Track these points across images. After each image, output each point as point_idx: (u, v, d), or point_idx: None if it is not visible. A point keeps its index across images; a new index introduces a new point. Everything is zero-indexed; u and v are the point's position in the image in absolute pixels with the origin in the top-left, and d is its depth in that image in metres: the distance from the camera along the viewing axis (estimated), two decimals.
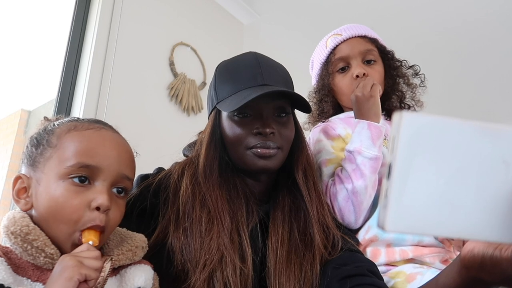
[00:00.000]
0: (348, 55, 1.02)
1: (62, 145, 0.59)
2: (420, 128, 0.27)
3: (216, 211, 0.73)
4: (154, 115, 2.00)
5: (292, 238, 0.76)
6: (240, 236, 0.73)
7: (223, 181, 0.77)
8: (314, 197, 0.80)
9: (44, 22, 2.57)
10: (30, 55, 2.86)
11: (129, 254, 0.62)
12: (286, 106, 0.79)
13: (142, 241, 0.66)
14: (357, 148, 0.87)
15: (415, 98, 1.06)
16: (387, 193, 0.27)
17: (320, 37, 1.11)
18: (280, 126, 0.77)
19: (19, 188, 0.60)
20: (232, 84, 0.78)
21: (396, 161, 0.27)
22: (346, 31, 1.04)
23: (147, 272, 0.65)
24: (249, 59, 0.80)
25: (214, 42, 2.46)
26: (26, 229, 0.54)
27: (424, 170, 0.27)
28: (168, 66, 2.14)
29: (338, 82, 1.03)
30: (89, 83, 1.75)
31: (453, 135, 0.27)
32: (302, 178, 0.81)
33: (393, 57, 1.06)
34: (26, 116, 3.50)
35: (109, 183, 0.59)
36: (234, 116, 0.77)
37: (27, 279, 0.53)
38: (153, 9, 2.13)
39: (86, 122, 0.64)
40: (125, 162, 0.63)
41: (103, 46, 1.84)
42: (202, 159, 0.78)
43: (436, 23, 2.75)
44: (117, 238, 0.65)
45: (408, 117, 0.27)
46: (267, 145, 0.75)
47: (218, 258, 0.69)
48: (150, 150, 1.90)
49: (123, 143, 0.66)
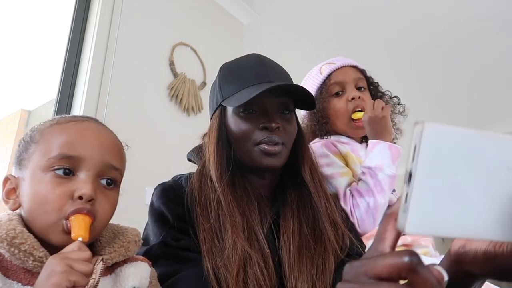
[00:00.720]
0: (343, 80, 1.10)
1: (44, 139, 0.58)
2: (440, 138, 0.29)
3: (232, 214, 0.73)
4: (154, 115, 2.00)
5: (302, 233, 0.77)
6: (257, 237, 0.74)
7: (235, 180, 0.78)
8: (322, 193, 0.82)
9: (44, 22, 2.57)
10: (30, 55, 2.86)
11: (122, 251, 0.60)
12: (290, 103, 0.81)
13: (134, 235, 0.64)
14: (378, 165, 0.94)
15: (395, 126, 1.15)
16: (407, 198, 0.30)
17: (319, 37, 1.14)
18: (284, 122, 0.79)
19: (8, 189, 0.59)
20: (237, 82, 0.80)
21: (417, 169, 0.29)
22: (339, 61, 1.15)
23: (143, 271, 0.63)
24: (253, 59, 0.83)
25: (214, 42, 2.47)
26: (13, 233, 0.52)
27: (442, 177, 0.30)
28: (168, 66, 2.14)
29: (334, 105, 1.11)
30: (89, 83, 1.75)
31: (468, 144, 0.30)
32: (309, 175, 0.83)
33: (378, 87, 1.17)
34: (26, 116, 3.50)
35: (93, 174, 0.57)
36: (240, 112, 0.79)
37: (17, 283, 0.52)
38: (153, 9, 2.13)
39: (69, 116, 0.63)
40: (109, 151, 0.61)
41: (103, 46, 1.84)
42: (212, 160, 0.79)
43: (429, 24, 2.75)
44: (109, 234, 0.63)
45: (430, 127, 0.29)
46: (273, 139, 0.76)
47: (244, 261, 0.69)
48: (150, 150, 1.91)
49: (108, 133, 0.64)
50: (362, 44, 2.97)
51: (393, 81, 3.78)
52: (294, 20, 2.78)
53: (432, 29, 2.80)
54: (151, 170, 1.75)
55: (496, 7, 2.57)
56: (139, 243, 0.64)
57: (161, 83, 2.09)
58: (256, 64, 0.81)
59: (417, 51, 3.06)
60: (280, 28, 2.88)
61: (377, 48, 3.02)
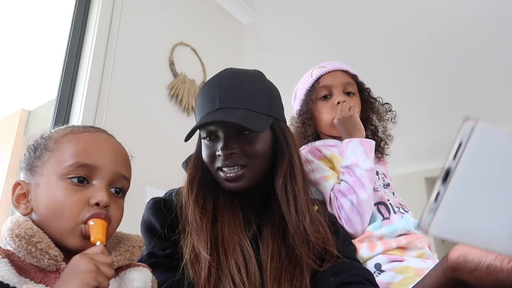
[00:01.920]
0: (331, 84, 1.11)
1: (60, 148, 0.61)
2: (491, 140, 0.27)
3: (194, 219, 0.77)
4: (154, 115, 2.00)
5: (281, 255, 0.77)
6: (240, 241, 0.76)
7: (204, 193, 0.81)
8: (293, 210, 0.79)
9: (44, 22, 2.57)
10: (30, 55, 2.86)
11: (127, 255, 0.63)
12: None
13: (138, 241, 0.67)
14: (353, 162, 0.96)
15: (386, 133, 1.16)
16: (438, 197, 0.28)
17: (319, 37, 1.15)
18: (243, 144, 0.78)
19: (19, 194, 0.61)
20: (198, 109, 0.83)
21: (458, 168, 0.27)
22: (331, 65, 1.16)
23: (146, 275, 0.66)
24: (215, 81, 0.82)
25: (214, 42, 2.47)
26: (30, 232, 0.55)
27: (481, 182, 0.27)
28: (168, 66, 2.14)
29: (320, 108, 1.12)
30: (89, 83, 1.75)
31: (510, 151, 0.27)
32: (281, 189, 0.81)
33: (369, 93, 1.17)
34: (26, 116, 3.50)
35: (107, 182, 0.61)
36: (203, 138, 0.83)
37: (30, 281, 0.54)
38: (153, 9, 2.13)
39: (81, 126, 0.67)
40: (121, 162, 0.65)
41: (103, 46, 1.84)
42: (188, 174, 0.84)
43: (429, 24, 2.74)
44: (113, 240, 0.66)
45: (483, 127, 0.26)
46: (228, 165, 0.78)
47: (209, 264, 0.72)
48: (150, 150, 1.91)
49: (118, 145, 0.68)
50: (362, 44, 2.97)
51: (393, 81, 3.79)
52: (294, 20, 2.78)
53: (432, 29, 2.80)
54: (151, 170, 1.75)
55: (496, 7, 2.57)
56: (142, 249, 0.67)
57: (161, 83, 2.09)
58: (214, 87, 0.81)
59: (417, 51, 3.06)
60: (280, 28, 2.87)
61: (377, 48, 3.02)
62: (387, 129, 1.16)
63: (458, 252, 0.39)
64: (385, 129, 1.16)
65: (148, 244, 0.78)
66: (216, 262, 0.72)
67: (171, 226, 0.78)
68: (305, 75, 1.20)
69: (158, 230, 0.78)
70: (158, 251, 0.77)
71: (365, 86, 1.18)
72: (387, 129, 1.16)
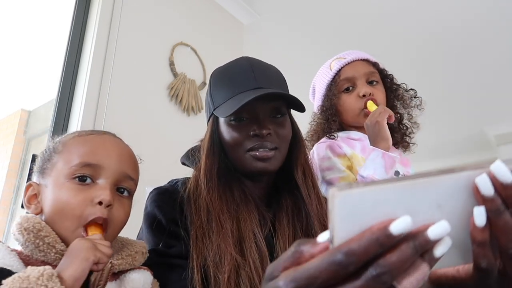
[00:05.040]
0: (353, 76, 1.06)
1: (67, 149, 0.64)
2: (352, 204, 0.28)
3: (219, 220, 0.73)
4: (154, 115, 2.00)
5: (297, 239, 0.76)
6: (255, 239, 0.74)
7: (232, 185, 0.78)
8: (314, 196, 0.81)
9: (44, 22, 2.57)
10: (30, 55, 2.86)
11: (129, 259, 0.64)
12: (282, 107, 0.80)
13: (142, 247, 0.67)
14: (370, 175, 0.92)
15: (412, 120, 1.11)
16: None
17: (320, 37, 1.13)
18: (276, 127, 0.79)
19: (30, 195, 0.64)
20: (226, 90, 0.79)
21: (335, 236, 0.29)
22: (350, 55, 1.10)
23: (146, 277, 0.66)
24: (242, 64, 0.82)
25: (214, 42, 2.46)
26: (39, 226, 0.57)
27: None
28: (168, 66, 2.14)
29: (344, 101, 1.07)
30: (89, 83, 1.75)
31: (387, 200, 0.29)
32: (301, 178, 0.82)
33: (392, 80, 1.12)
34: (26, 116, 3.50)
35: (112, 181, 0.62)
36: (231, 121, 0.79)
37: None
38: (153, 9, 2.13)
39: (89, 130, 0.69)
40: (126, 162, 0.66)
41: (103, 46, 1.84)
42: (203, 165, 0.79)
43: (429, 24, 2.75)
44: (118, 245, 0.67)
45: (339, 195, 0.28)
46: (264, 145, 0.76)
47: (236, 265, 0.69)
48: (150, 150, 1.91)
49: (125, 146, 0.69)
50: (362, 44, 2.97)
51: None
52: (294, 20, 2.78)
53: (432, 29, 2.80)
54: (151, 170, 1.75)
55: (496, 7, 2.57)
56: (145, 255, 0.68)
57: (161, 83, 2.09)
58: (244, 70, 0.80)
59: (417, 51, 3.06)
60: (280, 28, 2.87)
61: (377, 48, 3.01)
62: (412, 116, 1.11)
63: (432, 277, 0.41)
64: (411, 116, 1.11)
65: (151, 241, 0.74)
66: (237, 261, 0.70)
67: (176, 220, 0.74)
68: (322, 68, 1.15)
69: (164, 225, 0.74)
70: (162, 249, 0.73)
71: (387, 73, 1.12)
72: (412, 117, 1.11)
